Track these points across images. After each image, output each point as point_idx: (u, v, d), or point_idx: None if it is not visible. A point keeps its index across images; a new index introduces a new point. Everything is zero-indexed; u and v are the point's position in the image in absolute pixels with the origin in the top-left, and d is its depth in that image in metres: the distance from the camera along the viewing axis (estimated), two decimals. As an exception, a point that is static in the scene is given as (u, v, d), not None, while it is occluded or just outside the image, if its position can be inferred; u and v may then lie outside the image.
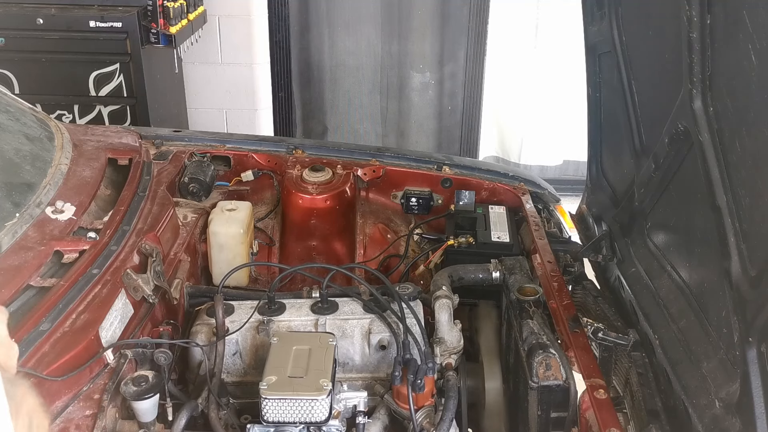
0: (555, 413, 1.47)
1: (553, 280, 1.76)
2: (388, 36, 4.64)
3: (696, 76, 1.19)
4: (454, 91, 4.73)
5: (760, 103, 1.02)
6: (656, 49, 1.47)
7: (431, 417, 1.51)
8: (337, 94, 4.82)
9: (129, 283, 1.58)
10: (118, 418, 1.43)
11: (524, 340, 1.55)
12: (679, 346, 1.34)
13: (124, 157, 2.05)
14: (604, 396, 1.37)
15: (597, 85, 1.86)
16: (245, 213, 2.05)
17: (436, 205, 2.31)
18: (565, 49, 4.36)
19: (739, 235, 1.12)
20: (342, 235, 2.27)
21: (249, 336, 1.68)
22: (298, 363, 1.47)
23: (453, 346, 1.67)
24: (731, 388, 1.14)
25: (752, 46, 0.99)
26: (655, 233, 1.58)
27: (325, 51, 4.71)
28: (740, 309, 1.11)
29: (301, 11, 4.59)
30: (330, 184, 2.24)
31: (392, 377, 1.50)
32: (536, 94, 4.65)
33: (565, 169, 4.92)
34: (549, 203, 2.31)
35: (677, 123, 1.31)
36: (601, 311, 1.69)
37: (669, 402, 1.38)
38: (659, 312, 1.46)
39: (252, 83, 4.50)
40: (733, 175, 1.13)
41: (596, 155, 1.97)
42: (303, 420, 1.41)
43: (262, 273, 2.20)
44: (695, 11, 1.14)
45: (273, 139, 2.82)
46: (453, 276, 1.83)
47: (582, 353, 1.50)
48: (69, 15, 3.52)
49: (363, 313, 1.72)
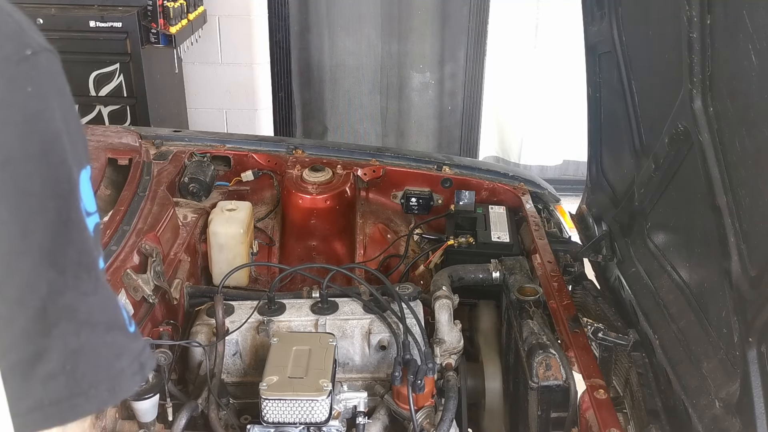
0: (555, 413, 1.47)
1: (553, 280, 1.76)
2: (388, 36, 4.64)
3: (696, 76, 1.19)
4: (454, 91, 4.72)
5: (760, 103, 1.02)
6: (656, 49, 1.47)
7: (431, 417, 1.51)
8: (337, 94, 4.82)
9: (129, 283, 1.58)
10: (118, 418, 1.43)
11: (524, 340, 1.55)
12: (679, 346, 1.34)
13: (124, 157, 2.05)
14: (604, 396, 1.37)
15: (597, 85, 1.86)
16: (245, 213, 2.05)
17: (436, 205, 2.31)
18: (565, 49, 4.35)
19: (739, 235, 1.12)
20: (342, 235, 2.27)
21: (249, 336, 1.68)
22: (298, 363, 1.47)
23: (453, 346, 1.67)
24: (731, 388, 1.13)
25: (752, 46, 0.99)
26: (655, 233, 1.58)
27: (325, 51, 4.70)
28: (740, 309, 1.11)
29: (301, 11, 4.58)
30: (330, 184, 2.24)
31: (392, 377, 1.50)
32: (536, 94, 4.65)
33: (565, 169, 4.92)
34: (549, 203, 2.30)
35: (677, 123, 1.31)
36: (601, 311, 1.69)
37: (669, 402, 1.38)
38: (659, 312, 1.46)
39: (252, 83, 4.50)
40: (733, 175, 1.13)
41: (596, 155, 1.97)
42: (303, 420, 1.41)
43: (262, 273, 2.20)
44: (695, 11, 1.14)
45: (273, 139, 2.82)
46: (453, 276, 1.83)
47: (582, 353, 1.50)
48: (69, 15, 3.52)
49: (363, 314, 1.72)
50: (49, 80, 0.61)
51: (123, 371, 0.63)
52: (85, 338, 0.60)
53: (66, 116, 0.62)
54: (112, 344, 0.62)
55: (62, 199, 0.60)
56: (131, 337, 0.65)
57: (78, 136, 0.64)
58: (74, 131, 0.63)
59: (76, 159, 0.62)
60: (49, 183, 0.59)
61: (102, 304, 0.63)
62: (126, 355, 0.63)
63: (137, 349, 0.65)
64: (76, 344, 0.59)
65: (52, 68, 0.62)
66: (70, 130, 0.62)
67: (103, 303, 0.63)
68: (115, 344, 0.63)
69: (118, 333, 0.63)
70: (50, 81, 0.61)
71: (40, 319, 0.57)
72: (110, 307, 0.64)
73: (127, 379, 0.63)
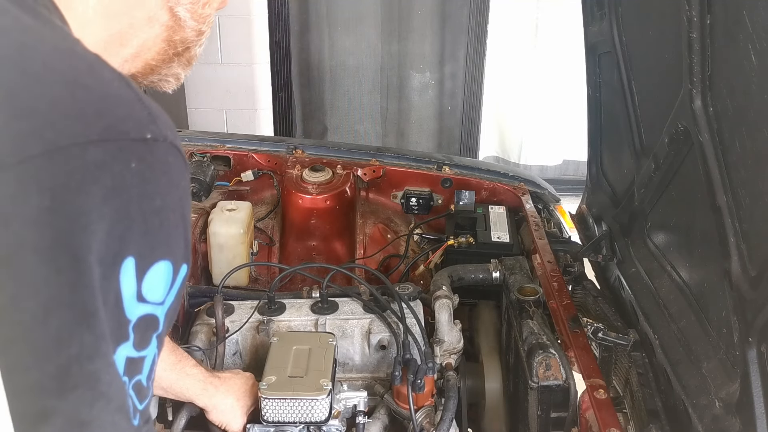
0: (555, 413, 1.47)
1: (553, 280, 1.76)
2: (388, 36, 4.64)
3: (696, 76, 1.19)
4: (454, 91, 4.72)
5: (760, 103, 1.02)
6: (656, 49, 1.47)
7: (431, 417, 1.51)
8: (337, 94, 4.82)
9: (129, 283, 1.58)
10: (118, 418, 1.43)
11: (524, 340, 1.54)
12: (679, 346, 1.34)
13: (124, 157, 2.04)
14: (604, 396, 1.37)
15: (597, 85, 1.86)
16: (245, 213, 2.05)
17: (436, 205, 2.31)
18: (565, 49, 4.36)
19: (739, 235, 1.12)
20: (342, 235, 2.27)
21: (249, 336, 1.68)
22: (298, 363, 1.47)
23: (453, 346, 1.67)
24: (731, 388, 1.14)
25: (752, 46, 0.99)
26: (655, 233, 1.58)
27: (325, 51, 4.70)
28: (740, 309, 1.11)
29: (301, 11, 4.58)
30: (330, 184, 2.24)
31: (392, 377, 1.50)
32: (536, 94, 4.65)
33: (565, 169, 4.92)
34: (549, 203, 2.30)
35: (677, 123, 1.31)
36: (601, 311, 1.69)
37: (669, 402, 1.38)
38: (659, 312, 1.46)
39: (252, 83, 4.50)
40: (733, 175, 1.13)
41: (596, 155, 1.97)
42: (303, 420, 1.41)
43: (262, 273, 2.20)
44: (695, 11, 1.14)
45: (273, 139, 2.81)
46: (453, 276, 1.83)
47: (582, 353, 1.50)
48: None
49: (363, 313, 1.72)
50: (160, 167, 0.61)
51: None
52: (97, 411, 0.57)
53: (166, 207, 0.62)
54: (117, 427, 0.59)
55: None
56: (135, 429, 0.62)
57: (177, 230, 0.64)
58: (173, 225, 0.63)
59: (168, 252, 0.62)
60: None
61: (120, 383, 0.61)
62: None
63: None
64: (88, 416, 0.56)
65: (167, 159, 0.61)
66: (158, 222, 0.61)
67: (120, 382, 0.61)
68: (120, 428, 0.60)
69: (124, 418, 0.60)
70: (161, 168, 0.61)
71: (61, 378, 0.55)
72: (124, 390, 0.61)
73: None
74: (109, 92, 0.60)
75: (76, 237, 0.54)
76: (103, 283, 0.57)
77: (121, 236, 0.57)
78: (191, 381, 1.41)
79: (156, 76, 0.86)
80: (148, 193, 0.59)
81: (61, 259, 0.54)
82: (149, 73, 0.85)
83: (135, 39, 0.79)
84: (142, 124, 0.60)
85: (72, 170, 0.54)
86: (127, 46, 0.78)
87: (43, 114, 0.55)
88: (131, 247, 0.59)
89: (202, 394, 1.43)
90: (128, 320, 0.60)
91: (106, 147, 0.56)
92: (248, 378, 1.50)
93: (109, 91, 0.60)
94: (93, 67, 0.62)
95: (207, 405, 1.44)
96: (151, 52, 0.82)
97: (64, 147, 0.54)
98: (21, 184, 0.53)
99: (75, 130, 0.55)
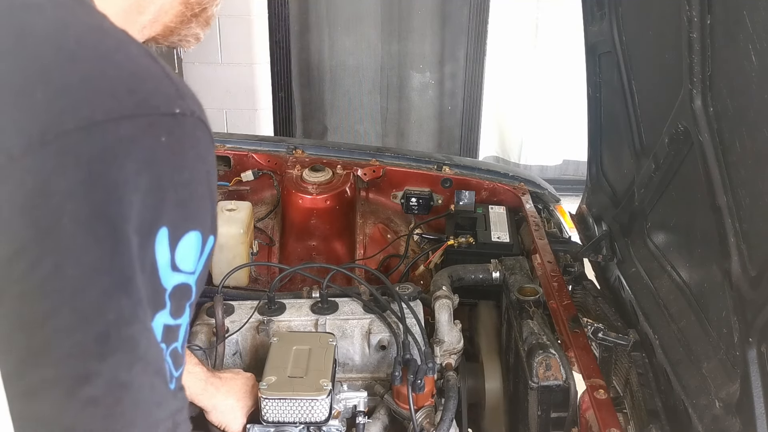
0: (555, 413, 1.47)
1: (553, 280, 1.76)
2: (388, 36, 4.64)
3: (696, 76, 1.19)
4: (454, 91, 4.73)
5: (760, 103, 1.02)
6: (656, 49, 1.47)
7: (431, 417, 1.51)
8: (337, 94, 4.82)
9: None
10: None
11: (524, 340, 1.54)
12: (679, 346, 1.34)
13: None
14: (604, 396, 1.37)
15: (597, 85, 1.86)
16: (245, 213, 2.05)
17: (436, 205, 2.31)
18: (565, 49, 4.36)
19: (739, 235, 1.12)
20: (342, 235, 2.27)
21: (249, 336, 1.68)
22: (298, 363, 1.47)
23: (453, 346, 1.67)
24: (731, 388, 1.13)
25: (752, 46, 0.99)
26: (655, 233, 1.58)
27: (325, 51, 4.70)
28: (740, 309, 1.11)
29: (301, 11, 4.59)
30: (330, 184, 2.24)
31: (392, 377, 1.50)
32: (536, 94, 4.65)
33: (565, 169, 4.92)
34: (549, 203, 2.30)
35: (677, 123, 1.31)
36: (601, 311, 1.69)
37: (669, 402, 1.38)
38: (659, 312, 1.46)
39: (252, 83, 4.50)
40: (733, 175, 1.13)
41: (596, 155, 1.97)
42: (303, 420, 1.41)
43: (262, 273, 2.20)
44: (695, 11, 1.14)
45: (273, 139, 2.81)
46: (453, 276, 1.83)
47: (582, 353, 1.50)
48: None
49: (363, 313, 1.72)
50: (188, 141, 0.63)
51: (158, 425, 0.61)
52: (135, 374, 0.59)
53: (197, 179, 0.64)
54: (155, 389, 0.61)
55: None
56: (171, 392, 0.64)
57: (204, 202, 0.66)
58: (201, 197, 0.65)
59: (197, 223, 0.64)
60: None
61: (157, 348, 0.63)
62: (164, 408, 0.62)
63: (175, 407, 0.64)
64: (127, 378, 0.59)
65: (195, 133, 0.64)
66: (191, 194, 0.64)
67: (158, 347, 0.63)
68: (158, 391, 0.62)
69: (162, 382, 0.63)
70: (189, 143, 0.63)
71: (102, 341, 0.57)
72: (161, 355, 0.63)
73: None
74: (138, 68, 0.62)
75: (113, 208, 0.57)
76: (140, 252, 0.59)
77: (155, 207, 0.60)
78: (192, 379, 1.41)
79: (176, 36, 0.89)
80: (177, 165, 0.62)
81: (99, 228, 0.57)
82: (169, 35, 0.88)
83: (152, 5, 0.81)
84: (171, 99, 0.62)
85: (107, 145, 0.57)
86: (144, 13, 0.81)
87: (77, 90, 0.58)
88: (164, 217, 0.61)
89: (202, 394, 1.43)
90: (164, 289, 0.63)
91: (138, 122, 0.59)
92: (249, 378, 1.50)
93: (138, 67, 0.63)
94: (121, 43, 0.64)
95: (207, 405, 1.44)
96: (168, 15, 0.85)
97: (99, 122, 0.57)
98: (60, 158, 0.55)
99: (109, 106, 0.58)
